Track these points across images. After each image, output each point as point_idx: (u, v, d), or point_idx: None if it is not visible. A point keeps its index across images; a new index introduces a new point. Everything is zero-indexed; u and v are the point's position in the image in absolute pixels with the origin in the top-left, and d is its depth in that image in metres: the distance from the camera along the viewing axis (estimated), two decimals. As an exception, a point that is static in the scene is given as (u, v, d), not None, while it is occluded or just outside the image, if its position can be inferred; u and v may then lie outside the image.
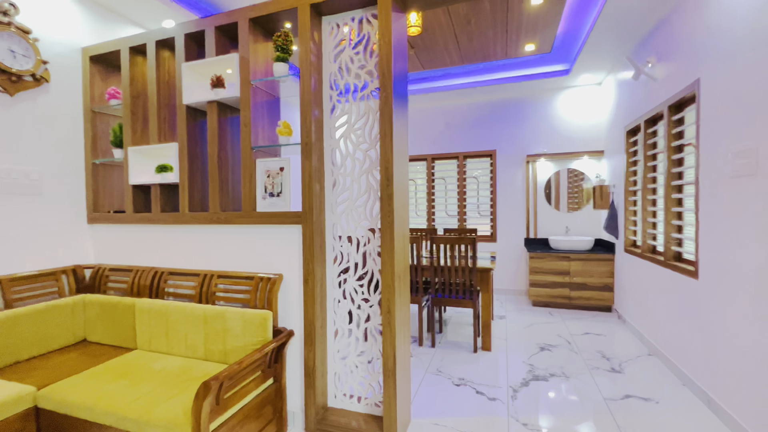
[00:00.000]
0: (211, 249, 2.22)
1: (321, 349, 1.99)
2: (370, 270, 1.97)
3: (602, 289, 4.06)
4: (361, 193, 1.97)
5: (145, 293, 2.29)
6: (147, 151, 2.36)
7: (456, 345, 3.21)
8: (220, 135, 2.18)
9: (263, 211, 2.07)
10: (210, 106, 2.15)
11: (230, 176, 2.25)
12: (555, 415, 2.13)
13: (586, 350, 3.05)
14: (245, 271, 2.13)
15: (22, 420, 1.70)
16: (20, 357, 2.05)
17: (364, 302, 1.99)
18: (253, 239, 2.11)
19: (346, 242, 2.03)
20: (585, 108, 4.62)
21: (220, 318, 1.99)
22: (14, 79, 2.15)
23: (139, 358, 2.04)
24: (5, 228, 2.14)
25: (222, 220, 2.12)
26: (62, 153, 2.42)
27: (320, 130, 2.00)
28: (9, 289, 2.11)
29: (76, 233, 2.50)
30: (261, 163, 2.08)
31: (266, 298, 1.99)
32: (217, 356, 2.00)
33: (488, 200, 5.14)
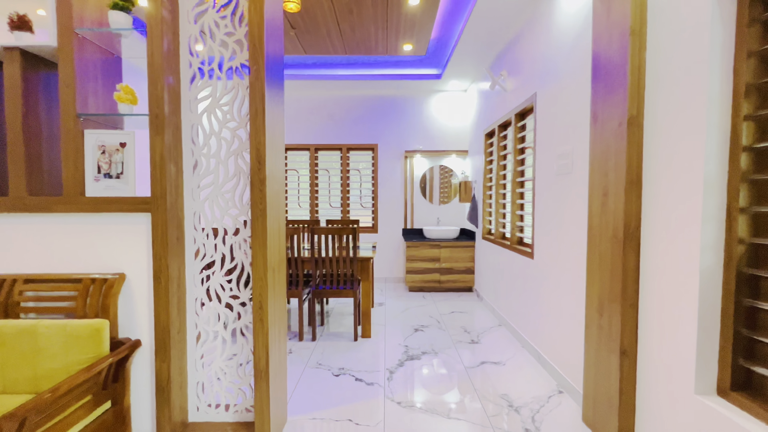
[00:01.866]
0: (17, 245, 1.67)
1: (179, 357, 1.71)
2: (239, 263, 1.77)
3: (465, 272, 4.61)
4: (229, 177, 1.75)
5: None
6: None
7: (337, 336, 3.20)
8: (29, 96, 1.65)
9: (96, 196, 1.65)
10: (9, 54, 1.60)
11: (44, 151, 1.73)
12: (426, 389, 2.30)
13: (452, 327, 3.42)
14: (70, 272, 1.68)
15: None
16: None
17: (233, 300, 1.78)
18: (82, 231, 1.67)
19: (211, 233, 1.78)
20: (453, 111, 5.15)
21: (27, 335, 1.52)
22: None
23: None
24: None
25: (32, 207, 1.62)
26: None
27: (176, 102, 1.69)
28: None
29: None
30: (92, 136, 1.65)
31: (101, 305, 1.60)
32: (24, 385, 1.52)
33: (370, 192, 5.29)
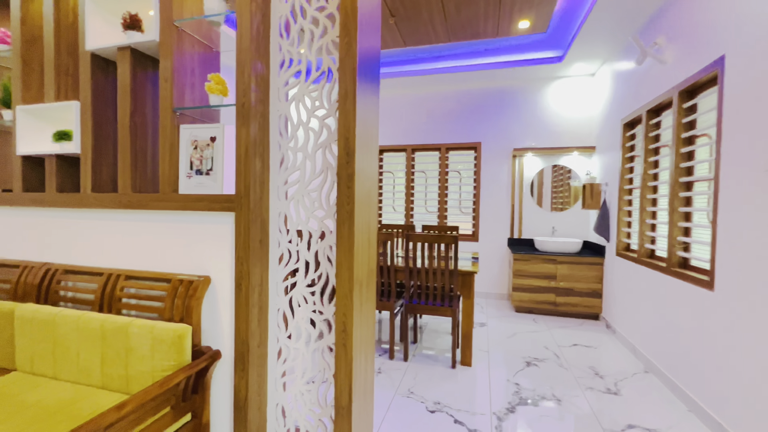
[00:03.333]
0: (123, 241, 1.71)
1: (258, 374, 1.53)
2: (324, 273, 1.52)
3: (590, 295, 3.76)
4: (316, 173, 1.52)
5: (32, 296, 1.75)
6: (41, 112, 1.82)
7: (432, 359, 2.80)
8: (138, 94, 1.68)
9: (187, 193, 1.58)
10: (121, 54, 1.64)
11: (149, 148, 1.74)
12: (548, 454, 1.75)
13: (577, 365, 2.71)
14: (162, 271, 1.64)
15: None
16: None
17: (316, 315, 1.54)
18: (173, 229, 1.62)
19: (295, 237, 1.57)
20: (577, 100, 4.31)
21: (122, 333, 1.50)
22: None
23: (11, 386, 1.52)
24: None
25: (133, 203, 1.62)
26: (-74, 110, 1.84)
27: (264, 89, 1.52)
28: None
29: (-54, 216, 1.92)
30: (186, 131, 1.59)
31: (186, 308, 1.51)
32: (118, 384, 1.50)
33: (471, 196, 4.77)
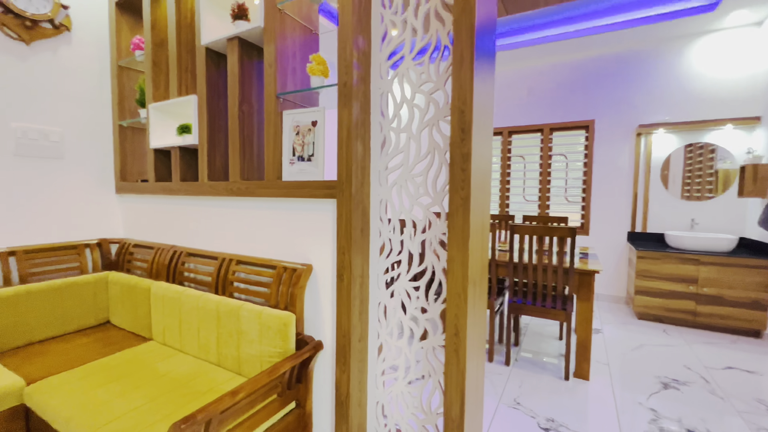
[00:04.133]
0: (232, 227, 1.78)
1: (359, 369, 1.46)
2: (429, 267, 1.36)
3: (749, 306, 2.97)
4: (421, 156, 1.35)
5: (163, 275, 1.95)
6: (167, 108, 1.99)
7: (538, 365, 2.48)
8: (244, 82, 1.71)
9: (290, 180, 1.56)
10: (230, 45, 1.68)
11: (255, 136, 1.77)
12: None
13: (736, 395, 2.13)
14: (268, 257, 1.66)
15: (10, 420, 1.43)
16: (33, 338, 1.84)
17: (419, 312, 1.40)
18: (277, 216, 1.62)
19: (397, 226, 1.44)
20: (733, 59, 3.39)
21: (233, 316, 1.55)
22: (29, 25, 1.89)
23: (148, 354, 1.70)
24: (21, 194, 1.93)
25: (242, 191, 1.66)
26: (87, 113, 2.16)
27: (366, 66, 1.40)
28: (24, 262, 1.90)
29: (102, 203, 2.26)
30: (288, 116, 1.56)
31: (290, 295, 1.50)
32: (230, 363, 1.57)
33: (580, 183, 4.16)
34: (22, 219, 1.93)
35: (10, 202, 1.88)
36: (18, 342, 1.79)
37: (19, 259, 1.88)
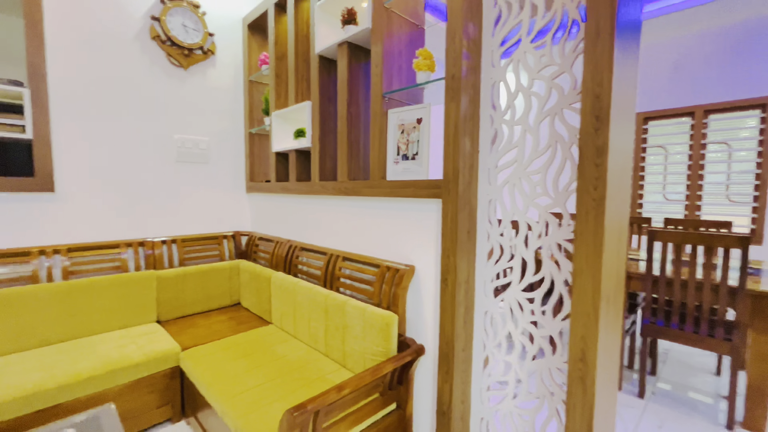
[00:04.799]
0: (339, 225, 1.87)
1: (462, 381, 1.37)
2: (547, 277, 1.19)
3: None
4: (539, 151, 1.19)
5: (280, 267, 2.17)
6: (286, 115, 2.19)
7: (683, 404, 2.02)
8: (352, 85, 1.76)
9: (394, 179, 1.55)
10: (340, 50, 1.75)
11: (361, 136, 1.82)
12: None
13: None
14: (371, 255, 1.69)
15: (169, 378, 1.76)
16: (188, 311, 2.23)
17: (533, 327, 1.24)
18: (381, 216, 1.63)
19: (508, 229, 1.30)
20: None
21: (339, 310, 1.62)
22: (186, 53, 2.28)
23: (268, 336, 1.90)
24: (181, 193, 2.35)
25: (349, 190, 1.72)
26: (225, 123, 2.53)
27: (476, 56, 1.30)
28: (182, 249, 2.32)
29: (236, 201, 2.62)
30: (393, 115, 1.55)
31: (392, 295, 1.49)
32: (336, 354, 1.65)
33: (751, 178, 3.26)
34: (181, 213, 2.36)
35: (173, 200, 2.32)
36: (176, 314, 2.19)
37: (179, 246, 2.30)
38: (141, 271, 2.07)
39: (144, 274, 2.06)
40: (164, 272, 2.14)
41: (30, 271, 1.81)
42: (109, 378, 1.57)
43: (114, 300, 1.96)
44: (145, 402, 1.69)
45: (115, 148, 2.08)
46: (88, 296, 1.89)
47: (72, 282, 1.85)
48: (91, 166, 2.01)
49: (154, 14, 2.16)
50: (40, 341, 1.76)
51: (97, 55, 2.00)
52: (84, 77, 1.96)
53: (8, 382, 1.42)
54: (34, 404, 1.40)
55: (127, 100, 2.11)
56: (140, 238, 2.18)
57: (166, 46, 2.21)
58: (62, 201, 1.93)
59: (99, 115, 2.02)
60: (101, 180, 2.04)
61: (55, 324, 1.79)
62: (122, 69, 2.08)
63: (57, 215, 1.92)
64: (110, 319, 1.95)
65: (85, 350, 1.70)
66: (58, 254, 1.89)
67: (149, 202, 2.22)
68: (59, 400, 1.46)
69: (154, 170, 2.23)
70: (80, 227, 1.99)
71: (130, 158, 2.14)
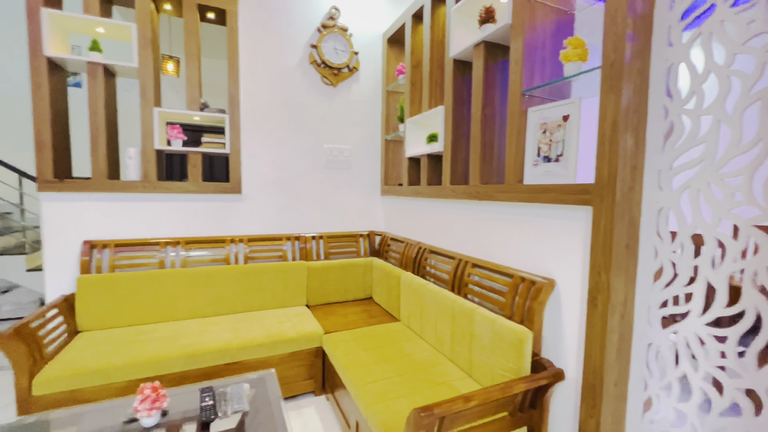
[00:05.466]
0: (469, 229, 1.83)
1: (613, 419, 1.16)
2: (750, 311, 0.91)
3: None
4: (741, 147, 0.91)
5: (409, 267, 2.25)
6: (419, 121, 2.26)
7: None
8: (487, 86, 1.70)
9: (533, 183, 1.43)
10: (476, 50, 1.71)
11: (496, 139, 1.74)
12: None
13: None
14: (503, 264, 1.60)
15: (314, 356, 2.02)
16: (329, 299, 2.54)
17: (722, 373, 0.96)
18: (515, 222, 1.52)
19: (688, 245, 1.04)
20: None
21: (467, 317, 1.58)
22: (336, 72, 2.59)
23: (396, 333, 2.00)
24: (328, 195, 2.69)
25: (480, 194, 1.67)
26: (364, 132, 2.77)
27: (645, 35, 1.08)
28: (327, 244, 2.64)
29: (371, 203, 2.84)
30: (534, 114, 1.43)
31: (526, 310, 1.38)
32: (462, 362, 1.62)
33: None
34: (326, 213, 2.70)
35: (321, 201, 2.67)
36: (320, 301, 2.51)
37: (324, 241, 2.63)
38: (296, 261, 2.45)
39: (298, 264, 2.43)
40: (313, 263, 2.49)
41: (224, 255, 2.34)
42: (272, 347, 1.91)
43: (276, 283, 2.37)
44: (296, 373, 1.99)
45: (279, 158, 2.52)
46: (260, 278, 2.33)
47: (250, 265, 2.32)
48: (263, 173, 2.48)
49: (312, 42, 2.53)
50: (228, 309, 2.26)
51: (270, 83, 2.46)
52: (261, 101, 2.44)
53: (210, 338, 1.87)
54: (225, 358, 1.81)
55: (289, 117, 2.53)
56: (296, 233, 2.59)
57: (320, 68, 2.56)
58: (245, 201, 2.44)
59: (269, 131, 2.48)
60: (270, 184, 2.50)
61: (238, 297, 2.28)
62: (287, 91, 2.50)
63: (242, 212, 2.44)
64: (273, 298, 2.37)
65: (256, 321, 2.11)
66: (241, 243, 2.40)
67: (303, 202, 2.61)
68: (239, 358, 1.84)
69: (308, 176, 2.61)
70: (256, 222, 2.48)
71: (291, 166, 2.55)
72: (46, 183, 1.96)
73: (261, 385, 1.46)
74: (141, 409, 1.11)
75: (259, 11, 2.40)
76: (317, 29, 2.54)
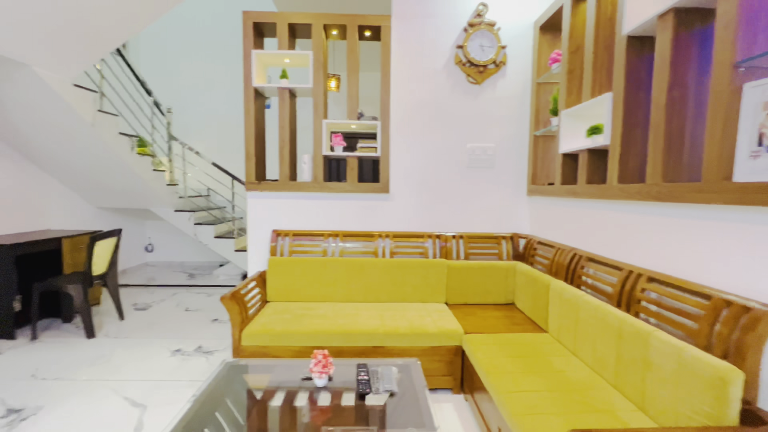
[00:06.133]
0: (643, 236, 1.54)
1: None
2: None
3: None
4: None
5: (561, 275, 2.04)
6: (578, 112, 2.01)
7: None
8: (677, 62, 1.39)
9: (747, 181, 1.10)
10: (661, 22, 1.41)
11: (687, 127, 1.40)
12: None
13: None
14: (695, 281, 1.28)
15: (453, 354, 2.05)
16: (468, 300, 2.52)
17: None
18: (717, 230, 1.20)
19: None
20: None
21: (639, 340, 1.34)
22: (481, 70, 2.55)
23: (544, 345, 1.84)
24: (469, 195, 2.67)
25: (663, 195, 1.38)
26: (510, 129, 2.63)
27: None
28: (467, 245, 2.63)
29: (515, 204, 2.68)
30: (754, 90, 1.10)
31: (734, 342, 1.07)
32: (631, 392, 1.37)
33: None
34: (467, 213, 2.68)
35: (464, 201, 2.67)
36: (459, 300, 2.51)
37: (465, 241, 2.63)
38: (437, 259, 2.52)
39: (438, 262, 2.50)
40: (453, 263, 2.51)
41: (372, 248, 2.59)
42: (413, 339, 2.02)
43: (418, 279, 2.49)
44: (435, 367, 2.05)
45: (423, 159, 2.63)
46: (403, 272, 2.49)
47: (394, 260, 2.51)
48: (408, 173, 2.63)
49: (459, 43, 2.55)
50: (375, 298, 2.49)
51: (417, 88, 2.59)
52: (408, 106, 2.59)
53: (361, 321, 2.11)
54: (373, 340, 2.01)
55: (434, 119, 2.61)
56: (437, 231, 2.66)
57: (465, 67, 2.55)
58: (392, 200, 2.64)
59: (415, 133, 2.61)
60: (414, 184, 2.64)
61: (384, 288, 2.49)
62: (432, 94, 2.59)
63: (388, 210, 2.65)
64: (414, 292, 2.50)
65: (399, 312, 2.26)
66: (387, 238, 2.61)
67: (444, 202, 2.66)
68: (385, 343, 2.01)
69: (450, 175, 2.65)
70: (400, 219, 2.66)
71: (434, 166, 2.64)
72: (251, 184, 2.55)
73: (406, 371, 1.56)
74: (315, 370, 1.34)
75: (409, 22, 2.55)
76: (463, 29, 2.54)
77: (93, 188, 3.94)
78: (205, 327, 2.97)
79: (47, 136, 3.14)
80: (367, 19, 2.51)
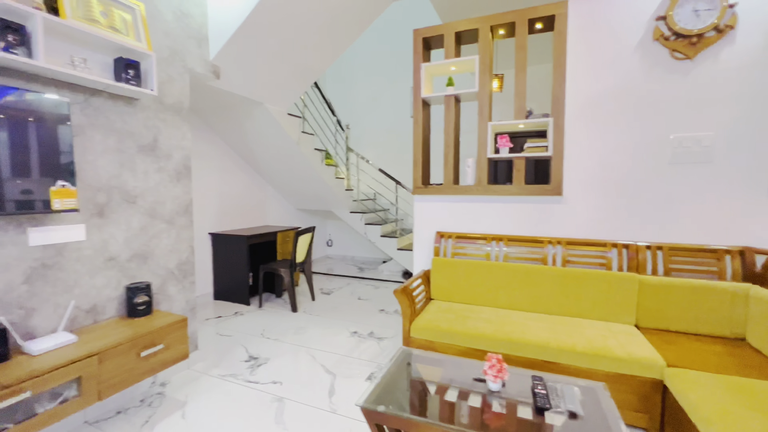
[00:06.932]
0: None
1: None
2: None
3: None
4: None
5: (840, 310, 1.43)
6: None
7: None
8: None
9: None
10: None
11: None
12: None
13: None
14: None
15: (650, 388, 1.71)
16: (669, 326, 2.05)
17: None
18: None
19: None
20: None
21: None
22: (694, 41, 2.04)
23: None
24: (671, 197, 2.16)
25: None
26: (737, 112, 2.01)
27: None
28: (668, 258, 2.14)
29: (747, 209, 2.03)
30: None
31: None
32: None
33: None
34: (668, 219, 2.18)
35: (664, 204, 2.19)
36: (655, 324, 2.07)
37: (665, 254, 2.15)
38: (624, 273, 2.14)
39: (626, 276, 2.12)
40: (647, 278, 2.09)
41: (541, 255, 2.40)
42: (593, 360, 1.77)
43: (597, 293, 2.17)
44: (623, 399, 1.74)
45: (606, 156, 2.28)
46: (577, 284, 2.22)
47: (567, 269, 2.26)
48: (586, 173, 2.33)
49: (659, 14, 2.11)
50: (543, 308, 2.30)
51: (599, 76, 2.26)
52: (587, 98, 2.30)
53: (529, 331, 1.98)
54: (543, 354, 1.86)
55: (621, 109, 2.23)
56: (624, 240, 2.26)
57: (669, 42, 2.09)
58: (565, 203, 2.39)
59: (596, 128, 2.29)
60: (594, 185, 2.32)
61: (554, 299, 2.27)
62: (619, 80, 2.22)
63: (560, 214, 2.41)
64: (593, 308, 2.19)
65: (574, 328, 2.02)
66: (559, 245, 2.38)
67: (635, 206, 2.24)
68: (558, 359, 1.84)
69: (643, 174, 2.21)
70: (575, 225, 2.38)
71: (620, 164, 2.25)
72: (418, 188, 2.74)
73: (590, 394, 1.39)
74: (489, 373, 1.34)
75: (590, 4, 2.26)
76: (667, -4, 2.09)
77: (294, 193, 4.98)
78: (374, 315, 3.35)
79: (268, 153, 4.15)
80: (538, 11, 2.36)
